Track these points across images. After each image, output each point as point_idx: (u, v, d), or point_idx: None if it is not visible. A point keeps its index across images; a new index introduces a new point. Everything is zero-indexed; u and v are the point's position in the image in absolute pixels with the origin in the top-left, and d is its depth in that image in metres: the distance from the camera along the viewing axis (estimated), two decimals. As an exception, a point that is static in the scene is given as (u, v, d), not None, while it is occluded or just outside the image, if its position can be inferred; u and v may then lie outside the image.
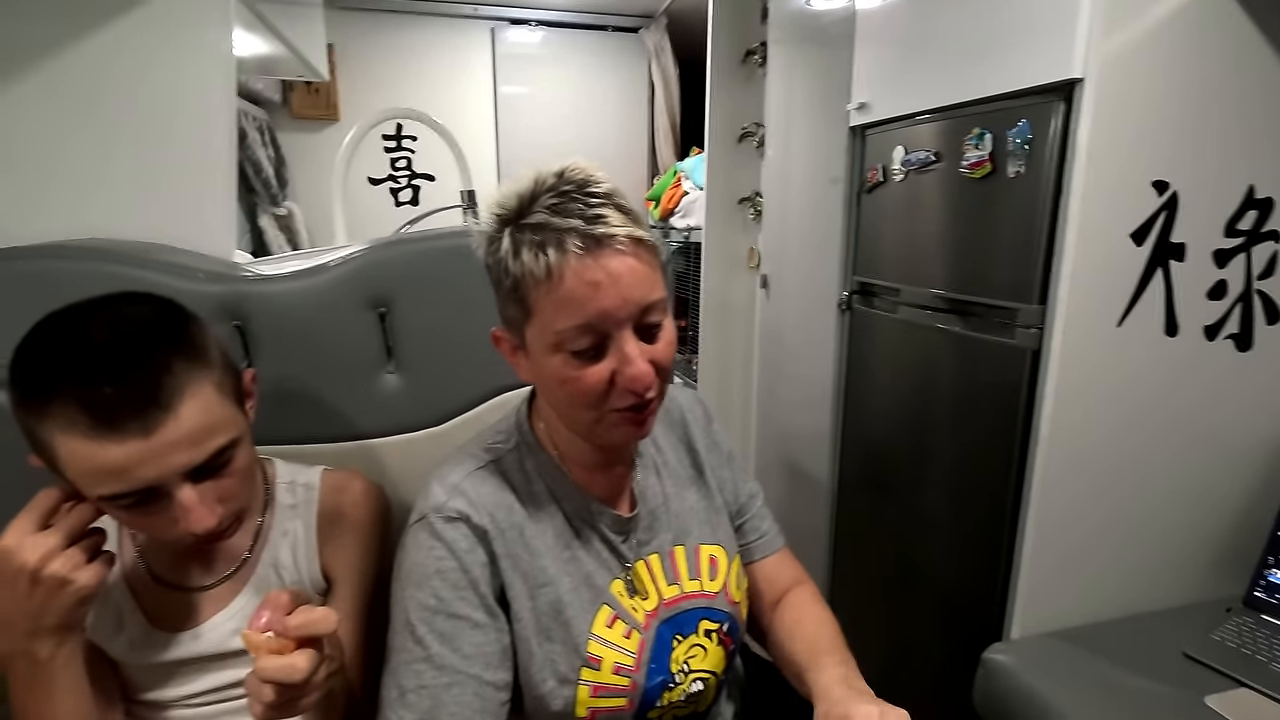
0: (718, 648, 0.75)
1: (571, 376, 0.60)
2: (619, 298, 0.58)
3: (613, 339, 0.60)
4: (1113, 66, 1.01)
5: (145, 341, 0.61)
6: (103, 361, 0.58)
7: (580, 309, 0.58)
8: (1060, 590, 1.19)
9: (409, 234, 1.02)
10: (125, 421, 0.57)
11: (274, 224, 2.57)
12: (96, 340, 0.59)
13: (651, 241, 0.61)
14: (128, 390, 0.58)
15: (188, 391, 0.61)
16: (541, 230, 0.58)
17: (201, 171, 1.01)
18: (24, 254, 0.87)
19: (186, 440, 0.60)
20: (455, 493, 0.67)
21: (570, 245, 0.57)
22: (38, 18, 0.93)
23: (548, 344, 0.61)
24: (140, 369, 0.59)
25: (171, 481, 0.60)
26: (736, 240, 2.43)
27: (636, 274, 0.59)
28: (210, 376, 0.64)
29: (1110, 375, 1.13)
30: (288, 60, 1.80)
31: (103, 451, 0.57)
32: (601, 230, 0.57)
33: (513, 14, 3.07)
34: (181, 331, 0.65)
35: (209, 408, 0.63)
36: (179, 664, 0.74)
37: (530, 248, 0.58)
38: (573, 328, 0.59)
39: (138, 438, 0.58)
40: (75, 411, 0.57)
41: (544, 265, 0.57)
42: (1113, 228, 1.08)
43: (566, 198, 0.59)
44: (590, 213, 0.58)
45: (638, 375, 0.60)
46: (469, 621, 0.64)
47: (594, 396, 0.61)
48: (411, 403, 0.96)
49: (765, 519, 0.86)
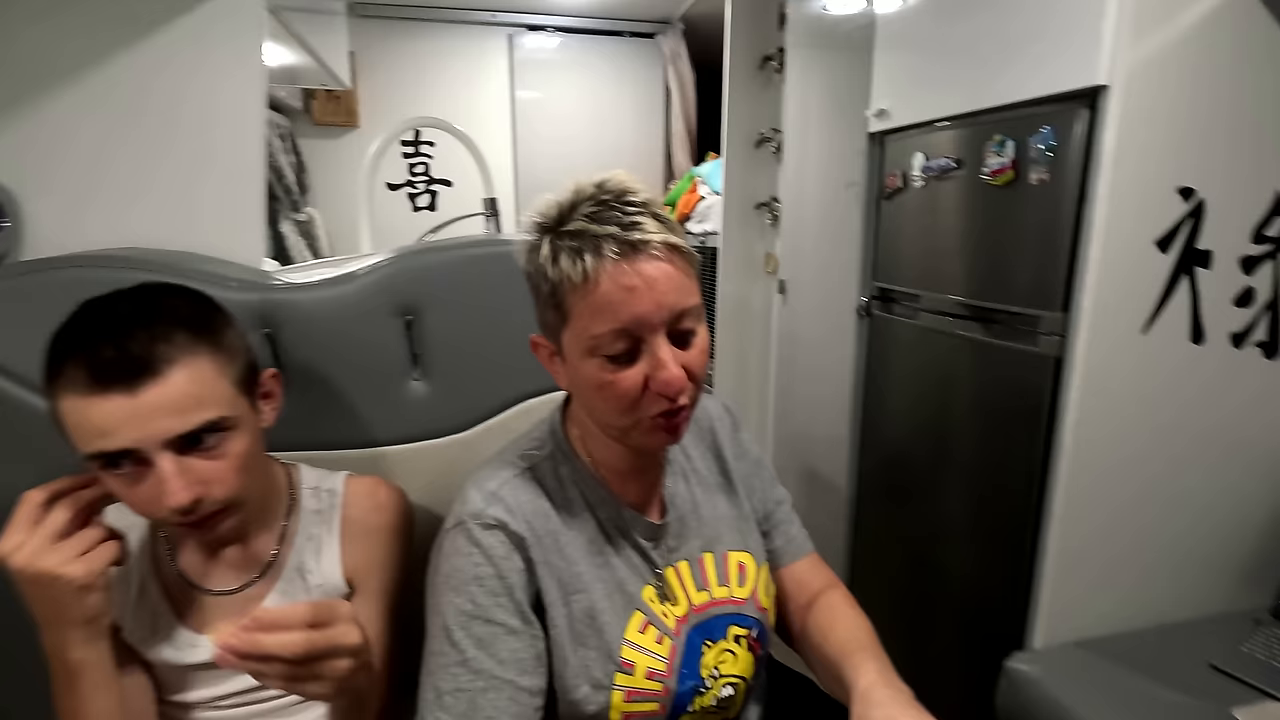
0: (747, 653, 0.76)
1: (606, 380, 0.62)
2: (653, 302, 0.59)
3: (647, 343, 0.61)
4: (1139, 73, 1.01)
5: (157, 315, 0.64)
6: (113, 329, 0.62)
7: (615, 313, 0.59)
8: (1084, 599, 1.18)
9: (435, 242, 1.04)
10: (116, 379, 0.60)
11: (295, 229, 2.61)
12: (117, 314, 0.63)
13: (688, 249, 0.63)
14: (124, 352, 0.61)
15: (182, 361, 0.63)
16: (579, 237, 0.60)
17: (234, 182, 1.02)
18: (60, 263, 0.89)
19: (171, 407, 0.61)
20: (493, 500, 0.68)
21: (607, 250, 0.58)
22: (80, 33, 0.95)
23: (583, 348, 0.62)
24: (142, 336, 0.62)
25: (153, 449, 0.61)
26: (753, 245, 2.43)
27: (671, 279, 0.60)
28: (214, 355, 0.66)
29: (1135, 383, 1.12)
30: (312, 69, 1.83)
31: (93, 407, 0.60)
32: (638, 236, 0.59)
33: (530, 20, 3.09)
34: (197, 313, 0.67)
35: (202, 380, 0.64)
36: (210, 666, 0.75)
37: (568, 253, 0.60)
38: (608, 332, 0.60)
39: (124, 395, 0.60)
40: (77, 369, 0.60)
41: (581, 270, 0.59)
42: (1138, 234, 1.07)
43: (605, 206, 0.61)
44: (627, 220, 0.60)
45: (670, 379, 0.60)
46: (505, 628, 0.64)
47: (628, 401, 0.62)
48: (437, 409, 0.97)
49: (794, 524, 0.87)
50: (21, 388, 0.85)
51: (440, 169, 3.13)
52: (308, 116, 2.94)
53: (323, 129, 2.98)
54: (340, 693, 0.59)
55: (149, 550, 0.76)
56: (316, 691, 0.57)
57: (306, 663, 0.54)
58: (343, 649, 0.57)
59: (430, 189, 3.15)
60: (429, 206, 3.15)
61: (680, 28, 3.11)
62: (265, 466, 0.79)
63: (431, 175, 3.13)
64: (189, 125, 1.00)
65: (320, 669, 0.56)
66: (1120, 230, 1.06)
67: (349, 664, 0.58)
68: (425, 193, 3.15)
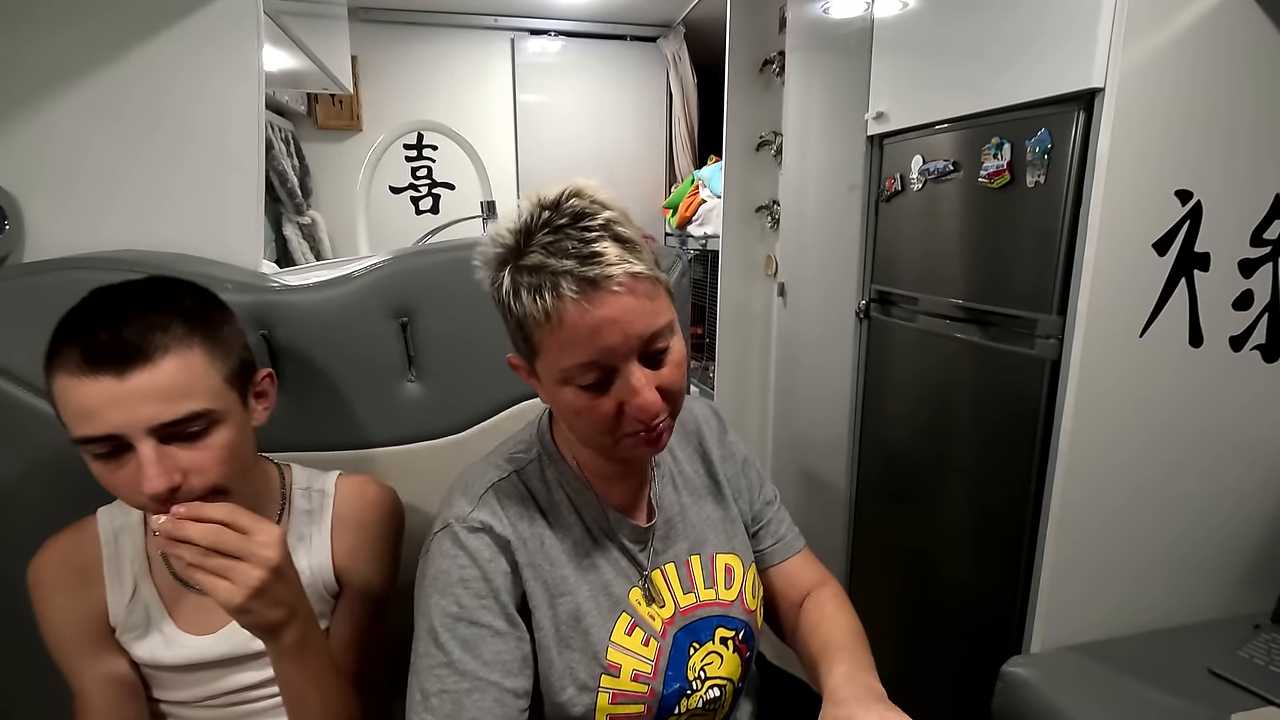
0: (734, 655, 0.76)
1: (583, 407, 0.62)
2: (619, 335, 0.58)
3: (619, 371, 0.60)
4: (1133, 76, 1.01)
5: (157, 305, 0.66)
6: (111, 314, 0.64)
7: (583, 349, 0.59)
8: (1081, 603, 1.17)
9: (431, 245, 1.04)
10: (107, 362, 0.61)
11: (298, 232, 2.62)
12: (119, 301, 0.65)
13: (651, 272, 0.60)
14: (118, 336, 0.62)
15: (174, 350, 0.64)
16: (538, 273, 0.58)
17: (231, 185, 1.03)
18: (58, 265, 0.90)
19: (158, 394, 0.62)
20: (479, 503, 0.69)
21: (566, 290, 0.56)
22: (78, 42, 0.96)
23: (556, 379, 0.62)
24: (138, 322, 0.63)
25: (136, 435, 0.62)
26: (754, 248, 2.44)
27: (635, 311, 0.59)
28: (207, 348, 0.67)
29: (1132, 386, 1.11)
30: (314, 74, 1.84)
31: (82, 389, 0.61)
32: (596, 271, 0.57)
33: (533, 25, 3.10)
34: (197, 306, 0.69)
35: (192, 371, 0.65)
36: (201, 665, 0.76)
37: (529, 290, 0.58)
38: (577, 365, 0.59)
39: (112, 378, 0.61)
40: (72, 350, 0.62)
41: (542, 309, 0.57)
42: (1134, 238, 1.07)
43: (561, 234, 0.58)
44: (585, 250, 0.57)
45: (645, 405, 0.61)
46: (490, 629, 0.65)
47: (606, 424, 0.62)
48: (431, 411, 0.97)
49: (784, 523, 0.87)
50: (20, 388, 0.86)
51: (443, 172, 3.14)
52: (311, 120, 2.96)
53: (326, 132, 2.99)
54: (259, 616, 0.62)
55: (143, 549, 0.77)
56: (229, 594, 0.60)
57: (217, 556, 0.59)
58: (256, 558, 0.61)
59: (433, 192, 3.16)
60: (432, 209, 3.16)
61: (682, 31, 3.11)
62: (258, 466, 0.80)
63: (434, 178, 3.14)
64: (187, 129, 1.01)
65: (230, 569, 0.60)
66: (1117, 233, 1.06)
67: (260, 576, 0.61)
68: (428, 196, 3.16)
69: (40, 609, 0.73)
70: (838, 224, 1.78)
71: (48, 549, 0.75)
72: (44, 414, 0.86)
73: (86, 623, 0.74)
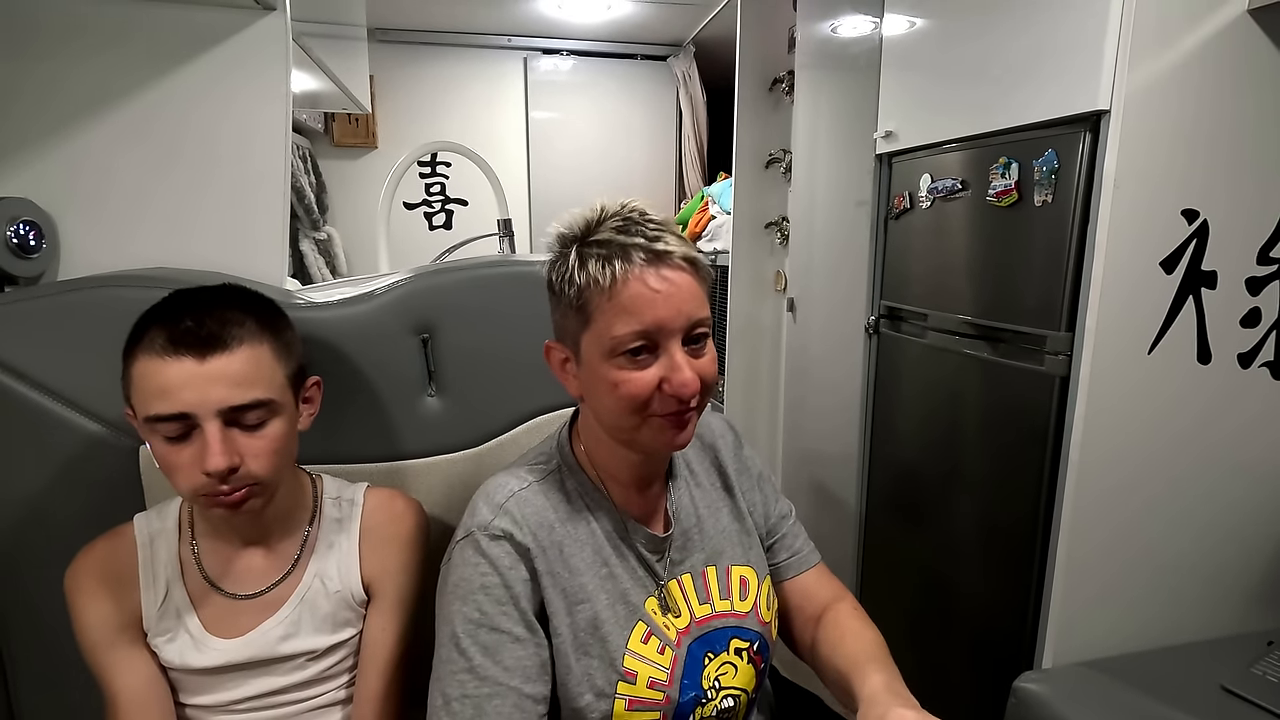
0: (748, 666, 0.77)
1: (623, 379, 0.65)
2: (674, 309, 0.64)
3: (663, 348, 0.65)
4: (1139, 98, 1.03)
5: (234, 303, 0.73)
6: (196, 307, 0.71)
7: (639, 315, 0.63)
8: (1093, 619, 1.18)
9: (450, 263, 1.07)
10: (190, 345, 0.68)
11: (314, 248, 2.67)
12: (201, 298, 0.73)
13: (704, 265, 0.68)
14: (202, 325, 0.69)
15: (248, 342, 0.71)
16: (608, 245, 0.65)
17: (258, 205, 1.07)
18: (92, 283, 0.93)
19: (230, 379, 0.69)
20: (500, 512, 0.70)
21: (635, 256, 0.64)
22: (113, 67, 1.00)
23: (604, 349, 0.65)
24: (219, 315, 0.71)
25: (206, 416, 0.68)
26: (763, 264, 2.46)
27: (691, 289, 0.65)
28: (274, 346, 0.74)
29: (1141, 403, 1.12)
30: (333, 94, 1.89)
31: (165, 368, 0.67)
32: (662, 247, 0.64)
33: (545, 44, 3.15)
34: (267, 310, 0.76)
35: (260, 362, 0.72)
36: (228, 669, 0.77)
37: (597, 259, 0.64)
38: (630, 333, 0.64)
39: (194, 360, 0.67)
40: (158, 334, 0.68)
41: (609, 274, 0.63)
42: (1141, 256, 1.09)
43: (629, 221, 0.66)
44: (651, 233, 0.65)
45: (685, 381, 0.64)
46: (510, 636, 0.66)
47: (641, 400, 0.66)
48: (451, 425, 0.99)
49: (799, 537, 0.88)
50: (56, 402, 0.89)
51: (456, 189, 3.18)
52: (328, 138, 3.01)
53: (342, 150, 3.05)
54: None
55: (177, 554, 0.79)
56: None
57: None
58: None
59: (446, 208, 3.21)
60: (445, 225, 3.20)
61: (692, 50, 3.16)
62: (295, 474, 0.83)
63: (448, 195, 3.19)
64: (215, 151, 1.04)
65: None
66: (1124, 251, 1.07)
67: None
68: (441, 212, 3.21)
69: (77, 613, 0.76)
70: (847, 240, 1.80)
71: (85, 555, 0.77)
72: (79, 428, 0.89)
73: (121, 626, 0.76)
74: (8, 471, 0.88)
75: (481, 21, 2.93)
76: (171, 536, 0.79)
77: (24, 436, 0.88)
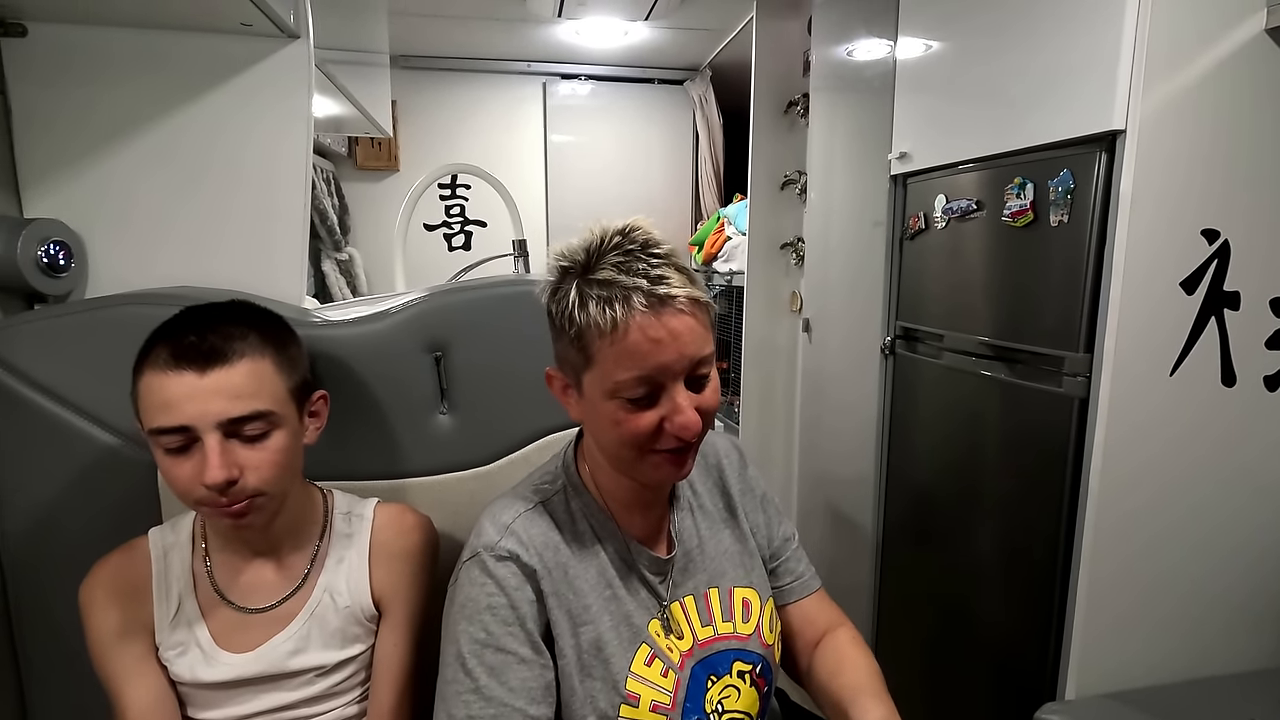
0: (751, 689, 0.76)
1: (624, 419, 0.65)
2: (677, 353, 0.63)
3: (666, 389, 0.64)
4: (1155, 118, 1.02)
5: (238, 319, 0.75)
6: (200, 323, 0.72)
7: (641, 362, 0.62)
8: (1118, 649, 1.14)
9: (464, 282, 1.08)
10: (192, 360, 0.69)
11: (335, 268, 2.71)
12: (207, 314, 0.74)
13: (706, 300, 0.66)
14: (203, 340, 0.70)
15: (249, 355, 0.72)
16: (609, 286, 0.63)
17: (278, 226, 1.09)
18: (118, 301, 0.96)
19: (229, 391, 0.70)
20: (507, 533, 0.71)
21: (636, 303, 0.62)
22: (143, 93, 1.03)
23: (605, 390, 0.65)
24: (222, 330, 0.72)
25: (205, 428, 0.69)
26: (779, 284, 2.46)
27: (694, 332, 0.64)
28: (277, 359, 0.75)
29: (1164, 426, 1.10)
30: (357, 119, 1.93)
31: (167, 382, 0.68)
32: (664, 290, 0.62)
33: (564, 69, 3.21)
34: (271, 325, 0.78)
35: (261, 376, 0.72)
36: (237, 683, 0.78)
37: (597, 302, 0.63)
38: (631, 378, 0.63)
39: (195, 373, 0.69)
40: (162, 349, 0.70)
41: (610, 319, 0.62)
42: (1161, 276, 1.07)
43: (631, 256, 0.64)
44: (654, 273, 0.63)
45: (687, 424, 0.64)
46: (515, 657, 0.66)
47: (642, 439, 0.65)
48: (461, 443, 1.00)
49: (801, 561, 0.87)
50: (81, 418, 0.91)
51: (475, 210, 3.23)
52: (351, 161, 3.08)
53: (365, 172, 3.11)
54: None
55: (189, 567, 0.80)
56: None
57: None
58: None
59: (465, 229, 3.25)
60: (464, 246, 3.25)
61: (708, 74, 3.20)
62: (305, 489, 0.84)
63: (467, 216, 3.24)
64: (240, 175, 1.07)
65: None
66: (1142, 272, 1.06)
67: None
68: (461, 233, 3.25)
69: (90, 626, 0.76)
70: (862, 261, 1.80)
71: (100, 569, 0.78)
72: (100, 442, 0.91)
73: (134, 639, 0.77)
74: (31, 481, 0.90)
75: (502, 48, 3.00)
76: (185, 550, 0.80)
77: (48, 448, 0.90)
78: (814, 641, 0.82)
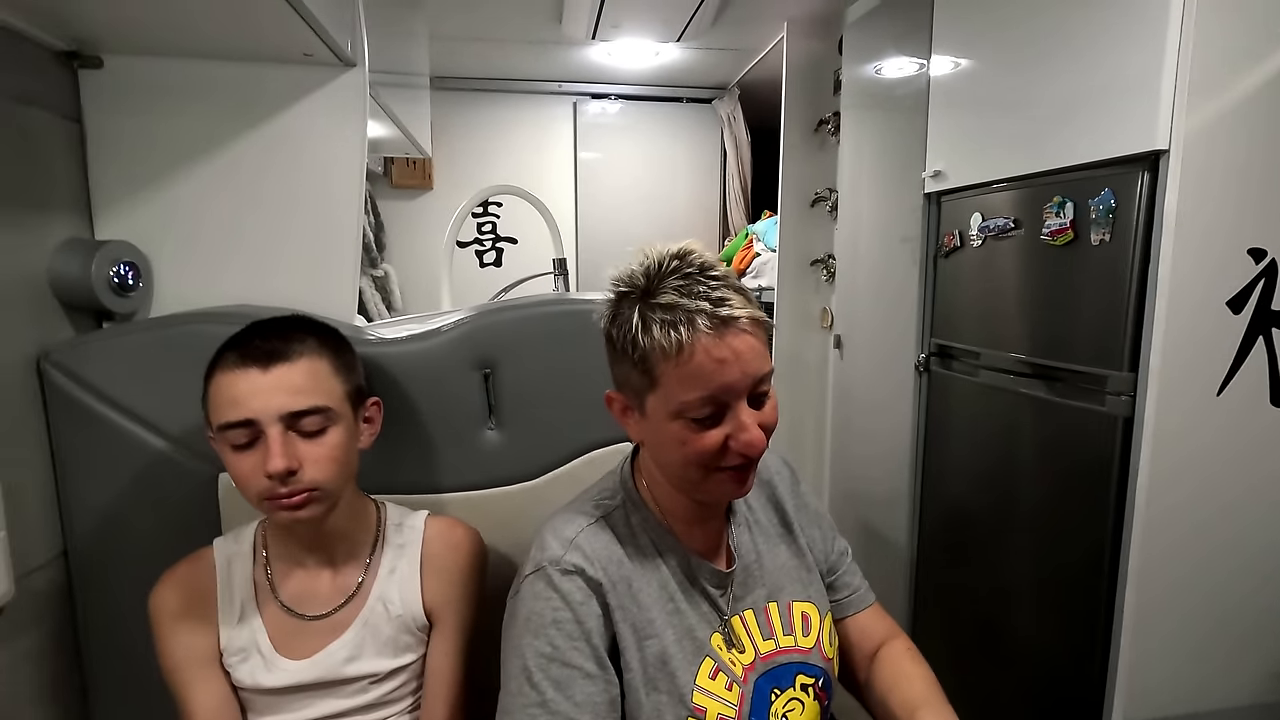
0: (814, 702, 0.77)
1: (690, 439, 0.66)
2: (740, 372, 0.64)
3: (730, 408, 0.66)
4: (1199, 138, 1.02)
5: (299, 327, 0.80)
6: (265, 330, 0.79)
7: (706, 382, 0.64)
8: (1169, 673, 1.12)
9: (510, 300, 1.11)
10: (256, 358, 0.75)
11: (371, 285, 2.77)
12: (271, 323, 0.80)
13: (765, 320, 0.68)
14: (268, 342, 0.77)
15: (308, 355, 0.78)
16: (672, 310, 0.64)
17: (332, 246, 1.13)
18: (182, 320, 1.00)
19: (290, 387, 0.75)
20: (571, 547, 0.72)
21: (700, 325, 0.63)
22: (207, 121, 1.09)
23: (670, 411, 0.66)
24: (284, 334, 0.78)
25: (268, 421, 0.74)
26: (809, 300, 2.46)
27: (755, 351, 0.65)
28: (334, 363, 0.80)
29: (1212, 445, 1.09)
30: (397, 140, 1.99)
31: (235, 380, 0.74)
32: (727, 312, 0.64)
33: (594, 89, 3.27)
34: (329, 334, 0.83)
35: (319, 374, 0.78)
36: (295, 689, 0.80)
37: (661, 325, 0.64)
38: (697, 399, 0.64)
39: (259, 370, 0.75)
40: (232, 353, 0.76)
41: (675, 341, 0.63)
42: (1207, 295, 1.06)
43: (691, 279, 0.65)
44: (715, 295, 0.64)
45: (752, 441, 0.66)
46: (581, 671, 0.67)
47: (708, 457, 0.67)
48: (509, 458, 1.02)
49: (856, 575, 0.88)
50: (149, 432, 0.95)
51: (506, 228, 3.29)
52: (386, 180, 3.15)
53: (400, 190, 3.18)
54: None
55: (251, 576, 0.83)
56: None
57: None
58: None
59: (496, 246, 3.31)
60: (495, 263, 3.30)
61: (736, 93, 3.23)
62: (360, 499, 0.87)
63: (499, 233, 3.30)
64: (298, 197, 1.11)
65: None
66: (1188, 291, 1.05)
67: None
68: (492, 250, 3.31)
69: (160, 636, 0.80)
70: (894, 277, 1.80)
71: (167, 580, 0.81)
72: (164, 455, 0.95)
73: (201, 648, 0.79)
74: (98, 490, 0.94)
75: (534, 69, 3.06)
76: (247, 559, 0.83)
77: (116, 460, 0.94)
78: (871, 654, 0.83)
